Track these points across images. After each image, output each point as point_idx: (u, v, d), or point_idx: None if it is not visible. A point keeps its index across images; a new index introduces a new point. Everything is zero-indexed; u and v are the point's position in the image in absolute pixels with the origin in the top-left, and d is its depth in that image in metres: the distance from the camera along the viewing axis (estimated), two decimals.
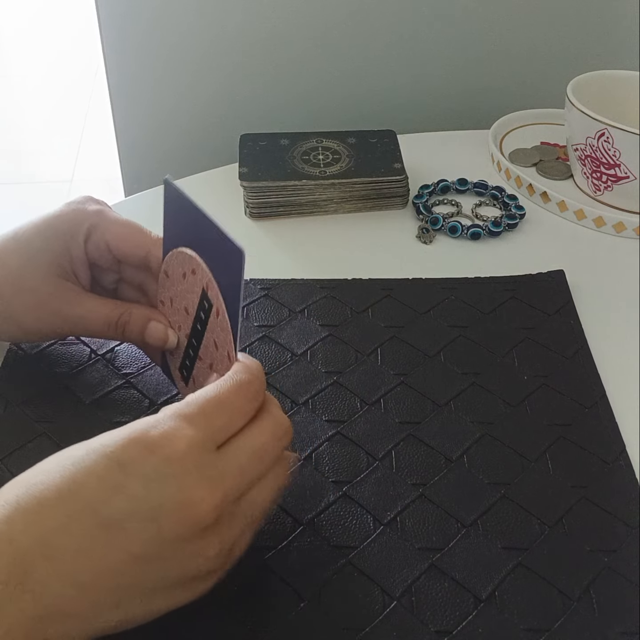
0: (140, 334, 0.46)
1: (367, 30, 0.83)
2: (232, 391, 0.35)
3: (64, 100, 2.39)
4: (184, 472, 0.32)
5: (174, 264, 0.44)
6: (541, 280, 0.60)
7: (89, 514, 0.31)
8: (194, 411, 0.34)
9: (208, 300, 0.40)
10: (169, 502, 0.32)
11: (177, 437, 0.32)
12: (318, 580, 0.40)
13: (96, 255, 0.48)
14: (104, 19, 0.81)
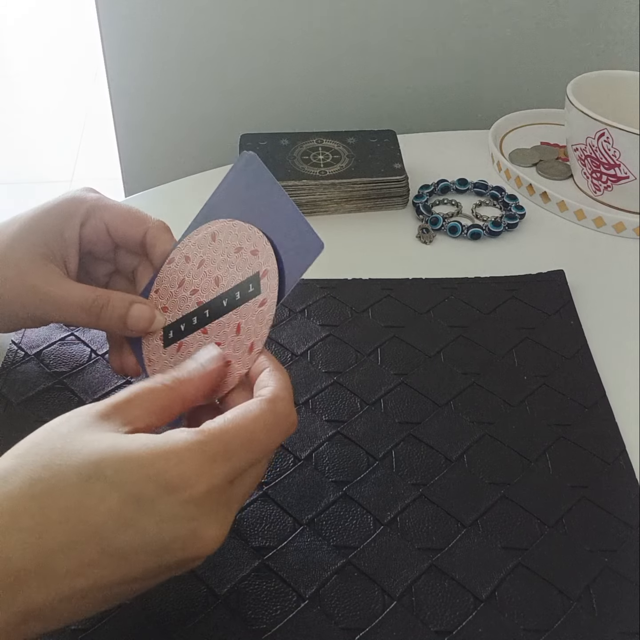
0: (119, 318, 0.44)
1: (368, 30, 0.83)
2: (262, 431, 0.34)
3: (64, 100, 2.39)
4: (199, 514, 0.31)
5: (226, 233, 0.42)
6: (541, 280, 0.60)
7: (93, 541, 0.30)
8: (219, 450, 0.32)
9: (257, 286, 0.39)
10: (178, 542, 0.31)
11: (198, 480, 0.31)
12: (318, 580, 0.40)
13: (94, 238, 0.47)
14: (104, 19, 0.81)
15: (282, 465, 0.45)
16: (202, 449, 0.32)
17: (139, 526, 0.31)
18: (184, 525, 0.31)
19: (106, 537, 0.30)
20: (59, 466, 0.31)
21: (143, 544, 0.31)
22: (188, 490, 0.31)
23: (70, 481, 0.31)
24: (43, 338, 0.54)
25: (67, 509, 0.30)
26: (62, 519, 0.30)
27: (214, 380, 0.38)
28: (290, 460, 0.46)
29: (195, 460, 0.32)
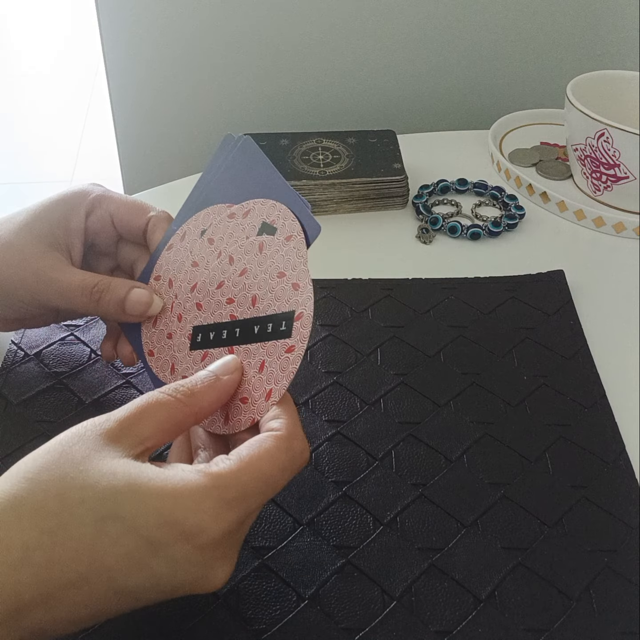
0: (118, 302, 0.44)
1: (368, 30, 0.83)
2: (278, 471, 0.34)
3: (64, 100, 2.39)
4: (212, 558, 0.32)
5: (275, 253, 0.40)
6: (541, 280, 0.60)
7: (104, 580, 0.30)
8: (236, 496, 0.32)
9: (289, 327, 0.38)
10: (188, 584, 0.31)
11: (214, 527, 0.31)
12: (318, 580, 0.40)
13: (98, 228, 0.48)
14: (104, 19, 0.81)
15: None
16: (219, 495, 0.31)
17: (152, 570, 0.30)
18: (197, 569, 0.31)
19: (117, 577, 0.30)
20: (73, 500, 0.30)
21: (154, 585, 0.31)
22: (203, 537, 0.31)
23: (84, 519, 0.30)
24: (43, 338, 0.54)
25: (80, 547, 0.30)
26: (74, 556, 0.30)
27: (227, 392, 0.38)
28: None
29: (213, 506, 0.31)
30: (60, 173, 2.08)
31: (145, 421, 0.33)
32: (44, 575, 0.29)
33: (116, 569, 0.30)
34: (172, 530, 0.30)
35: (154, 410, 0.34)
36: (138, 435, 0.33)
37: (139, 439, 0.33)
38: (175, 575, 0.31)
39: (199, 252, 0.44)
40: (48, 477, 0.31)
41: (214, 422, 0.39)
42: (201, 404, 0.35)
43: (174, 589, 0.31)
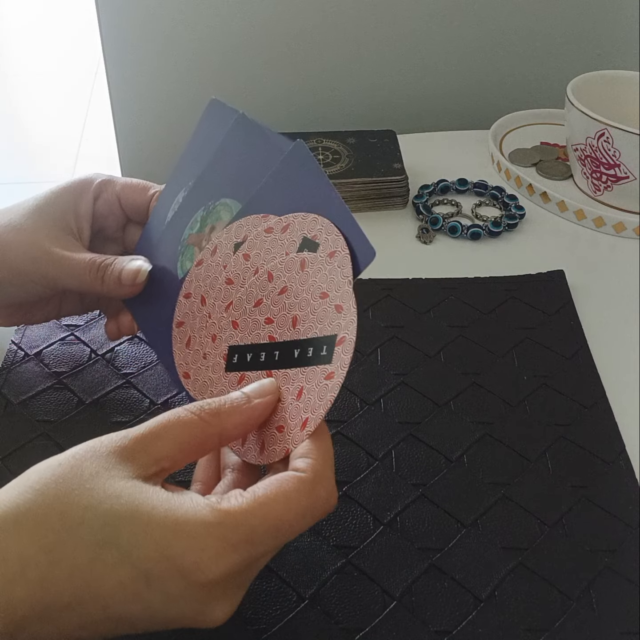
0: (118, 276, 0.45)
1: (368, 30, 0.83)
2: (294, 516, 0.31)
3: (64, 100, 2.39)
4: (209, 598, 0.30)
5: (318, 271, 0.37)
6: (541, 280, 0.60)
7: (99, 608, 0.29)
8: (243, 538, 0.30)
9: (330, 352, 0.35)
10: (186, 619, 0.31)
11: (213, 567, 0.29)
12: (318, 580, 0.40)
13: (106, 211, 0.50)
14: (104, 19, 0.81)
15: None
16: (224, 535, 0.30)
17: (147, 601, 0.30)
18: (192, 606, 0.30)
19: (112, 605, 0.29)
20: (74, 519, 0.30)
21: (149, 617, 0.30)
22: (201, 576, 0.29)
23: (82, 542, 0.29)
24: (43, 338, 0.54)
25: (75, 570, 0.29)
26: (69, 577, 0.29)
27: (257, 417, 0.35)
28: None
29: (215, 548, 0.30)
30: (60, 173, 2.07)
31: (163, 440, 0.32)
32: (39, 594, 0.29)
33: (110, 597, 0.29)
34: (168, 565, 0.29)
35: (173, 429, 0.32)
36: (154, 454, 0.32)
37: (155, 458, 0.32)
38: (169, 610, 0.30)
39: (233, 269, 0.41)
40: (54, 491, 0.30)
41: (250, 450, 0.37)
42: (226, 425, 0.33)
43: (169, 622, 0.31)
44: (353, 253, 0.36)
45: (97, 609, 0.29)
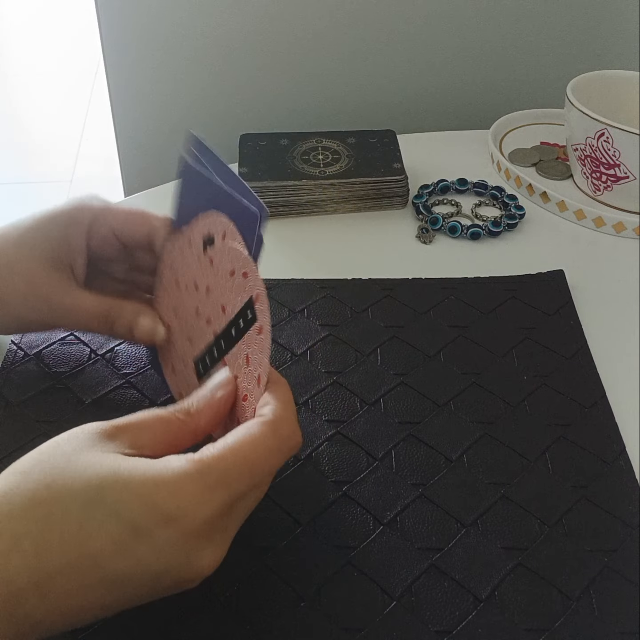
0: (129, 329, 0.46)
1: (368, 30, 0.83)
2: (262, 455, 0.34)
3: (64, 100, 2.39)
4: (196, 544, 0.32)
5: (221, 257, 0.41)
6: (541, 280, 0.60)
7: (92, 567, 0.31)
8: (218, 479, 0.32)
9: (253, 312, 0.38)
10: (173, 570, 0.32)
11: (196, 511, 0.31)
12: (318, 580, 0.40)
13: (101, 243, 0.48)
14: (104, 19, 0.81)
15: (282, 465, 0.45)
16: (201, 478, 0.32)
17: (136, 554, 0.31)
18: (180, 555, 0.31)
19: (103, 563, 0.31)
20: (60, 488, 0.31)
21: (140, 571, 0.31)
22: (185, 521, 0.31)
23: (70, 506, 0.31)
24: (43, 338, 0.54)
25: (66, 533, 0.31)
26: (61, 543, 0.30)
27: (224, 407, 0.38)
28: (290, 461, 0.46)
29: (194, 491, 0.31)
30: (60, 173, 2.08)
31: (143, 430, 0.34)
32: (34, 563, 0.30)
33: (102, 555, 0.30)
34: (153, 514, 0.31)
35: (152, 422, 0.35)
36: (134, 440, 0.34)
37: (135, 444, 0.34)
38: (158, 560, 0.31)
39: (175, 298, 0.46)
40: (39, 470, 0.32)
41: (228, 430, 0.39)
42: (198, 422, 0.36)
43: (159, 575, 0.32)
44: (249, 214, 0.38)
45: (89, 570, 0.30)
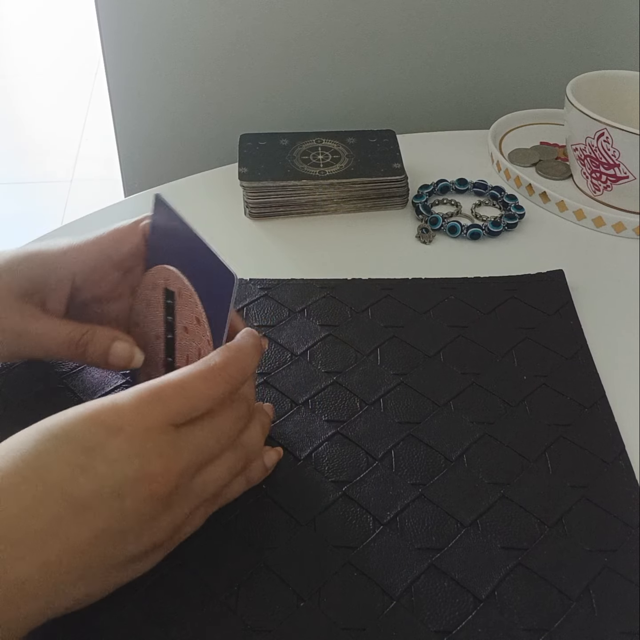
0: (103, 354, 0.46)
1: (367, 30, 0.83)
2: (197, 376, 0.37)
3: (64, 100, 2.39)
4: (144, 451, 0.34)
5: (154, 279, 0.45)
6: (541, 280, 0.60)
7: (56, 494, 0.32)
8: (154, 395, 0.35)
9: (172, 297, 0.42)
10: (130, 480, 0.34)
11: (136, 419, 0.34)
12: (318, 580, 0.40)
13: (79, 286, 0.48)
14: (103, 19, 0.82)
15: (282, 465, 0.45)
16: (138, 395, 0.35)
17: (93, 471, 0.33)
18: (131, 461, 0.34)
19: (65, 487, 0.32)
20: (19, 435, 0.34)
21: (100, 486, 0.33)
22: (129, 429, 0.34)
23: (27, 445, 0.33)
24: None
25: (26, 469, 0.32)
26: (22, 480, 0.32)
27: None
28: (289, 460, 0.46)
29: (133, 404, 0.35)
30: (60, 173, 2.08)
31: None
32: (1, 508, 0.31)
33: (61, 479, 0.32)
34: (99, 429, 0.34)
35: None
36: None
37: None
38: (113, 471, 0.33)
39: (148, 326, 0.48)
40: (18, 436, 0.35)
41: None
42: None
43: (118, 488, 0.33)
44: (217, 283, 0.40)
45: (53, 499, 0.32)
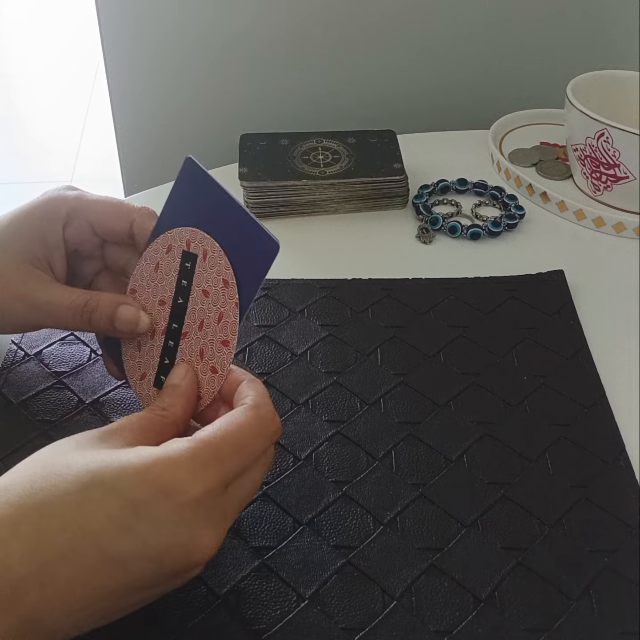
0: (109, 321, 0.44)
1: (367, 30, 0.83)
2: (249, 434, 0.35)
3: (64, 100, 2.39)
4: (195, 518, 0.32)
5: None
6: (541, 280, 0.60)
7: (93, 549, 0.31)
8: (211, 455, 0.33)
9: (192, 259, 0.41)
10: (176, 548, 0.32)
11: (192, 484, 0.32)
12: (318, 580, 0.40)
13: (78, 239, 0.46)
14: (103, 19, 0.81)
15: (282, 465, 0.45)
16: (194, 454, 0.33)
17: (137, 532, 0.31)
18: (181, 529, 0.32)
19: (105, 543, 0.31)
20: (58, 476, 0.32)
21: (141, 550, 0.31)
22: (183, 494, 0.32)
23: (68, 489, 0.31)
24: (43, 338, 0.54)
25: (66, 516, 0.31)
26: (61, 526, 0.31)
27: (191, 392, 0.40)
28: (290, 460, 0.46)
29: (189, 465, 0.32)
30: (60, 173, 2.08)
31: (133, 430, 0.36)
32: (34, 549, 0.30)
33: (102, 534, 0.31)
34: (151, 488, 0.31)
35: (138, 422, 0.37)
36: (126, 438, 0.35)
37: (127, 441, 0.35)
38: (160, 536, 0.31)
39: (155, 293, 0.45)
40: (37, 465, 0.33)
41: None
42: (175, 413, 0.38)
43: (162, 554, 0.32)
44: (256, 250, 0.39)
45: (90, 552, 0.30)
